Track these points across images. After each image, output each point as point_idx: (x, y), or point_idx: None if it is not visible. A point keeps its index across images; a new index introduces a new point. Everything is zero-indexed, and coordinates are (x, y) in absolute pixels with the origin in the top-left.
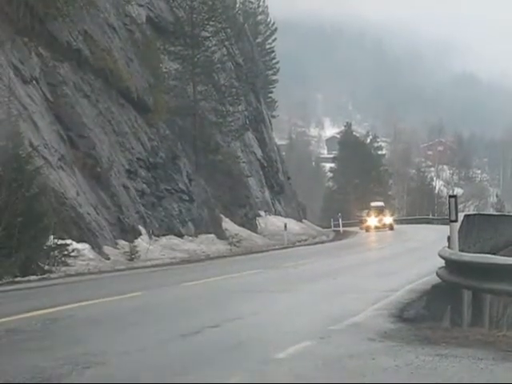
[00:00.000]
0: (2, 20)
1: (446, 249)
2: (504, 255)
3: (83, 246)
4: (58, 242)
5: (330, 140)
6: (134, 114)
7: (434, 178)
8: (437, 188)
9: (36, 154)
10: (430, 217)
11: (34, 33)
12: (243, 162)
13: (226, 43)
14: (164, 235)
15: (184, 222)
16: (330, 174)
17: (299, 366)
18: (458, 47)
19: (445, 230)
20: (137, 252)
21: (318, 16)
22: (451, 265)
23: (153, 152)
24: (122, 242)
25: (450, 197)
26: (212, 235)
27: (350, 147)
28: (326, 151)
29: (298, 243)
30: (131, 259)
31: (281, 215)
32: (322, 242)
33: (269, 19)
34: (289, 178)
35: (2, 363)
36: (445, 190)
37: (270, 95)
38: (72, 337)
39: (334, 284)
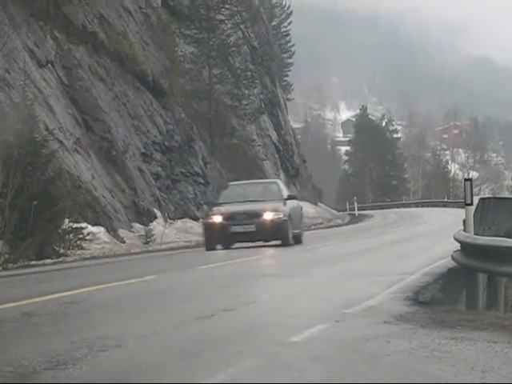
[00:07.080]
0: (17, 3)
1: (462, 232)
2: None
3: (98, 230)
4: (73, 226)
5: (345, 123)
6: (149, 98)
7: (450, 162)
8: (452, 171)
9: (51, 138)
10: (446, 200)
11: (50, 16)
12: (258, 146)
13: (242, 26)
14: (179, 218)
15: (199, 205)
16: (345, 158)
17: (315, 349)
18: (473, 30)
19: (460, 213)
20: (152, 235)
21: None
22: (466, 248)
23: (168, 135)
24: (137, 226)
25: (466, 180)
26: None
27: (366, 130)
28: (341, 134)
29: (313, 226)
30: (146, 242)
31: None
32: (338, 226)
33: (284, 2)
34: (304, 162)
35: (17, 346)
36: (460, 174)
37: (285, 78)
38: (87, 320)
39: (349, 267)
